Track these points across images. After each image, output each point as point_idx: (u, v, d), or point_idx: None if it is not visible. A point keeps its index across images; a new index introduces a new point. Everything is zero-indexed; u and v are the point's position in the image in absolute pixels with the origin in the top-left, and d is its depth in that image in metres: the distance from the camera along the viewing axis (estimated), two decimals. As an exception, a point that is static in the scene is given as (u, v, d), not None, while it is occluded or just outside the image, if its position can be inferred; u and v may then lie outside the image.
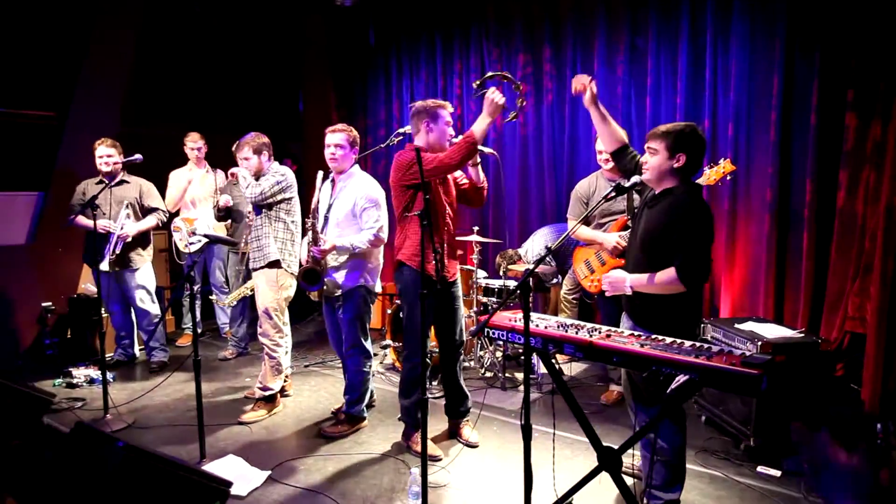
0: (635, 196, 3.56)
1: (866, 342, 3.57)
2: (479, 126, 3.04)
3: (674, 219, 2.41)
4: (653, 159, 2.48)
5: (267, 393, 3.87)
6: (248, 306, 4.98)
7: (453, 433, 3.55)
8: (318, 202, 3.53)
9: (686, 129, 2.45)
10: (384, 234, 3.48)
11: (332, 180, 3.56)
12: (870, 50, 3.66)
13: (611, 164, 3.68)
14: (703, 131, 2.53)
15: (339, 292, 3.53)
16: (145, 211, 4.67)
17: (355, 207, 3.44)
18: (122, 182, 4.61)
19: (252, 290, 4.31)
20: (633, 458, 2.92)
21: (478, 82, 3.18)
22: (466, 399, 3.53)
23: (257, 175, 3.82)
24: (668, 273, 2.37)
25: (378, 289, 3.68)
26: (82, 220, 4.49)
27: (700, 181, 3.35)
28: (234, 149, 3.90)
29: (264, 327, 3.85)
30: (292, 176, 3.84)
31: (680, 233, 2.37)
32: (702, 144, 2.46)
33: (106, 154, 4.49)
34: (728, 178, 3.32)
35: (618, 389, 4.03)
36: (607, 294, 2.58)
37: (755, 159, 4.29)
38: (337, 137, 3.46)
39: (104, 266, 4.44)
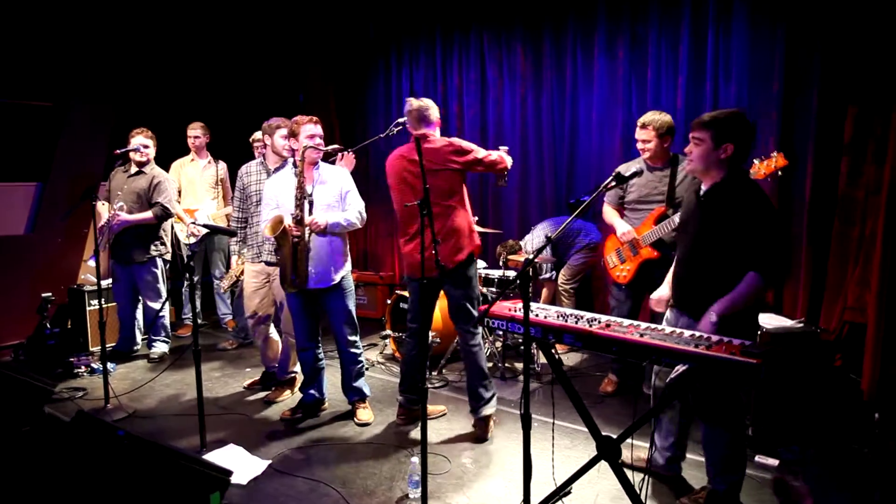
0: (678, 186, 3.47)
1: (866, 332, 3.57)
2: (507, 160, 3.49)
3: (736, 217, 2.32)
4: (698, 150, 2.39)
5: (289, 376, 4.09)
6: None
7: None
8: (276, 197, 3.52)
9: (733, 116, 2.36)
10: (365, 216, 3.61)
11: (300, 171, 3.43)
12: (872, 40, 3.63)
13: (648, 154, 3.52)
14: (752, 121, 2.43)
15: (330, 282, 3.50)
16: (151, 205, 4.63)
17: (342, 191, 3.51)
18: (140, 173, 4.61)
19: (240, 273, 4.26)
20: (632, 450, 2.93)
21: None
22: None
23: (280, 156, 3.92)
24: (751, 278, 2.28)
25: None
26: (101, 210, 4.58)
27: (749, 172, 3.26)
28: (277, 126, 3.90)
29: (284, 316, 3.93)
30: None
31: (754, 234, 2.29)
32: (750, 132, 2.38)
33: (141, 144, 4.49)
34: (779, 173, 3.11)
35: (615, 379, 4.04)
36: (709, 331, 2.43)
37: (756, 147, 4.25)
38: (320, 129, 3.47)
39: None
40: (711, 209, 2.41)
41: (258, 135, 4.57)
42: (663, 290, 2.84)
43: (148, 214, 4.59)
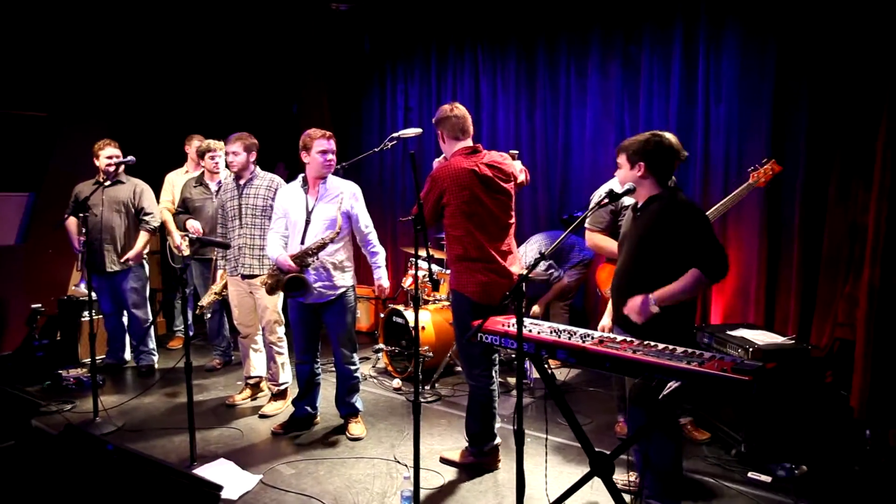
0: None
1: (855, 349, 3.60)
2: None
3: (665, 223, 2.50)
4: (620, 173, 2.68)
5: (282, 387, 4.07)
6: (223, 315, 4.88)
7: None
8: (285, 209, 3.54)
9: (642, 138, 2.59)
10: None
11: (305, 185, 3.53)
12: (860, 62, 3.69)
13: None
14: (665, 139, 2.57)
15: (333, 295, 3.51)
16: (138, 212, 4.65)
17: (352, 210, 3.52)
18: (117, 182, 4.59)
19: (218, 293, 4.24)
20: (627, 474, 2.92)
21: None
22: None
23: (241, 172, 3.89)
24: (693, 274, 2.43)
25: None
26: (71, 225, 4.56)
27: (749, 183, 3.42)
28: (225, 142, 3.94)
29: (273, 329, 3.95)
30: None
31: (690, 238, 2.46)
32: (660, 151, 2.55)
33: (115, 155, 4.48)
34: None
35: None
36: (638, 322, 2.52)
37: (746, 166, 4.28)
38: (332, 144, 3.48)
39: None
40: (644, 221, 2.59)
41: (214, 144, 4.61)
42: (605, 321, 2.91)
43: (145, 237, 4.65)
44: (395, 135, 3.60)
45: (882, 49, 3.53)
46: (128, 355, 4.97)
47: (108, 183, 4.54)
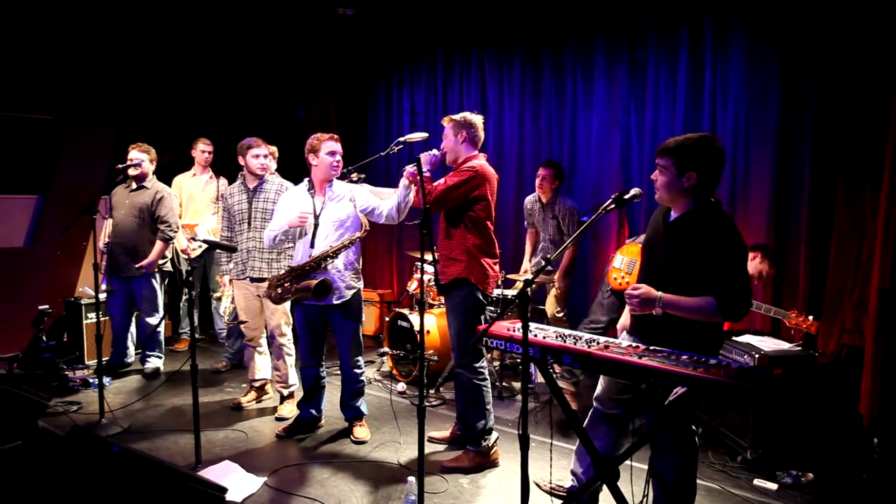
0: None
1: (864, 355, 3.57)
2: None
3: (704, 247, 2.24)
4: (662, 178, 2.29)
5: (292, 388, 4.07)
6: None
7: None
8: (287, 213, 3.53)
9: (698, 142, 2.24)
10: None
11: (311, 189, 3.53)
12: (864, 65, 3.68)
13: None
14: (720, 143, 2.30)
15: (348, 295, 3.50)
16: (155, 220, 4.64)
17: (355, 207, 3.52)
18: (142, 187, 4.61)
19: (232, 298, 4.25)
20: (631, 483, 2.90)
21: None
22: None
23: (263, 174, 3.99)
24: (708, 301, 2.20)
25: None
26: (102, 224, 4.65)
27: (788, 316, 3.43)
28: (248, 146, 3.93)
29: (282, 330, 3.97)
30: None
31: (716, 262, 2.21)
32: (716, 158, 2.26)
33: (133, 158, 4.51)
34: (803, 333, 3.45)
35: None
36: (632, 312, 2.42)
37: (753, 171, 4.30)
38: (340, 146, 3.51)
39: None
40: (678, 237, 2.32)
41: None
42: (624, 319, 2.72)
43: (159, 246, 4.61)
44: (401, 139, 3.60)
45: (889, 49, 3.52)
46: (130, 358, 4.98)
47: (133, 186, 4.58)
